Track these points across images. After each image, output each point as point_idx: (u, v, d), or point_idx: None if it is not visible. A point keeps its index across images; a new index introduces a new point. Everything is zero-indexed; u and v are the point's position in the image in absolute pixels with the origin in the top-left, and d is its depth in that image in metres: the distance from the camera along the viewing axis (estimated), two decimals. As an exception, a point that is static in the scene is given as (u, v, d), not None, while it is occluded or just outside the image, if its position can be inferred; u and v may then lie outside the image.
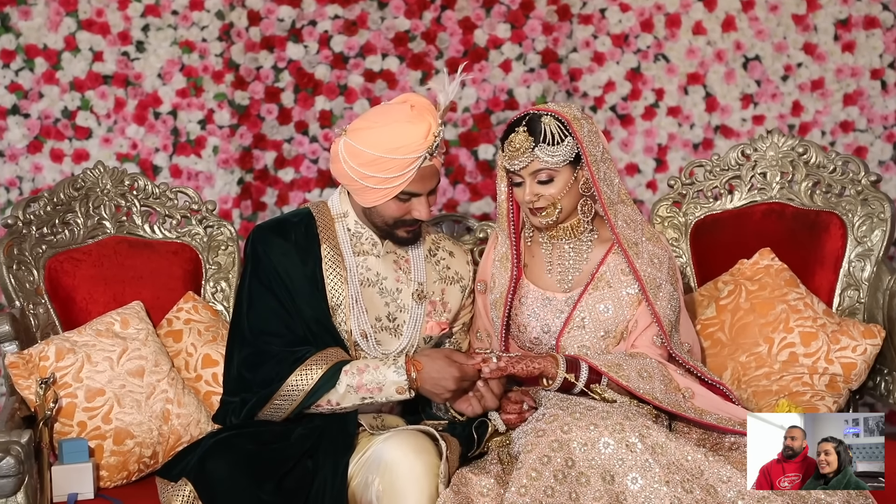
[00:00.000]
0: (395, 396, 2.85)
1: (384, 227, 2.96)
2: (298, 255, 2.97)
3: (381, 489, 2.72)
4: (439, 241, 3.15)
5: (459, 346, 3.13)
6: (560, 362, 2.88)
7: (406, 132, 2.86)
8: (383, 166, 2.85)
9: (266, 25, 4.29)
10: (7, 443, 2.72)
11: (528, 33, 4.35)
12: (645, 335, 3.00)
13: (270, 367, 2.86)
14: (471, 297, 3.15)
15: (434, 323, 3.04)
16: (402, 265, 3.04)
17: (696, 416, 2.87)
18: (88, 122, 4.25)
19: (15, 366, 3.08)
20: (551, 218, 2.97)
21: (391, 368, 2.84)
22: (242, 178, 4.32)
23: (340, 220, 3.03)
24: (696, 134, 4.41)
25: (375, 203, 2.91)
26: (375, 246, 3.02)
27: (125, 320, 3.24)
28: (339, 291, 2.96)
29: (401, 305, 3.01)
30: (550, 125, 2.92)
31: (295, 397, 2.83)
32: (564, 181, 2.95)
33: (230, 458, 2.75)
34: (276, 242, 2.97)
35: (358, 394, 2.85)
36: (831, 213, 3.53)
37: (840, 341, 3.29)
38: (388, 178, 2.86)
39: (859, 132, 4.43)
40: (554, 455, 2.63)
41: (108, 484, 3.09)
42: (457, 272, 3.12)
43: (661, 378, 2.91)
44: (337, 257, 2.99)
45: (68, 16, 4.22)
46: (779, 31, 4.39)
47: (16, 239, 3.35)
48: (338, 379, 2.83)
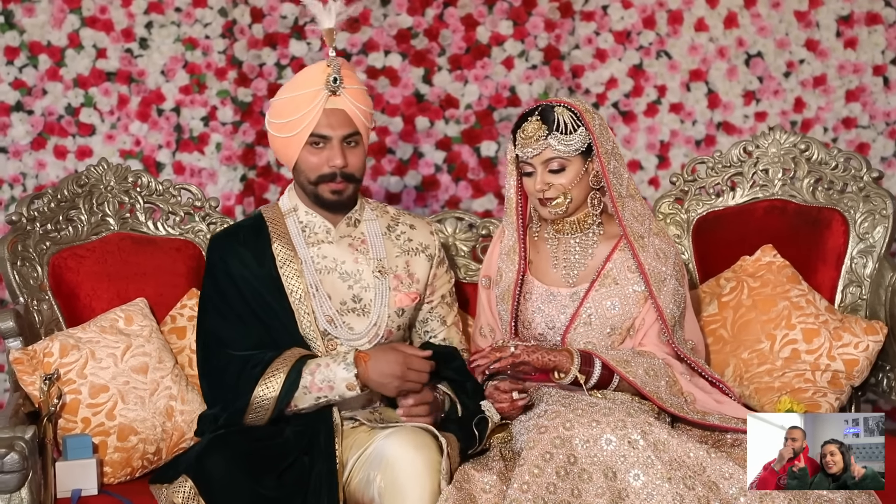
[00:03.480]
0: (347, 393, 2.88)
1: (309, 187, 3.01)
2: (254, 258, 3.02)
3: (383, 485, 2.73)
4: (398, 217, 3.18)
5: (444, 318, 3.15)
6: (575, 359, 2.89)
7: (306, 71, 3.04)
8: (291, 106, 2.97)
9: (269, 22, 4.29)
10: (11, 438, 2.73)
11: (530, 30, 4.35)
12: (652, 332, 3.01)
13: (230, 376, 2.90)
14: (443, 267, 3.17)
15: (403, 294, 3.06)
16: (359, 246, 3.07)
17: (698, 418, 2.87)
18: (92, 118, 4.26)
19: (19, 362, 3.09)
20: (561, 208, 2.98)
21: (341, 365, 2.88)
22: (245, 175, 4.32)
23: (291, 216, 3.08)
24: (698, 130, 4.41)
25: (296, 155, 2.99)
26: (329, 233, 3.05)
27: (129, 317, 3.25)
28: (296, 285, 3.00)
29: (364, 285, 3.04)
30: (563, 115, 2.94)
31: (266, 406, 2.87)
32: (575, 171, 2.96)
33: (228, 454, 2.76)
34: (230, 249, 3.04)
35: (312, 394, 2.88)
36: (833, 209, 3.53)
37: (842, 338, 3.30)
38: (297, 120, 2.96)
39: (861, 129, 4.43)
40: (556, 451, 2.64)
41: (112, 480, 3.09)
42: (420, 242, 3.14)
43: (667, 379, 2.92)
44: (290, 252, 3.03)
45: (72, 13, 4.22)
46: (781, 27, 4.39)
47: (20, 235, 3.36)
48: (299, 387, 2.87)
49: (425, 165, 4.35)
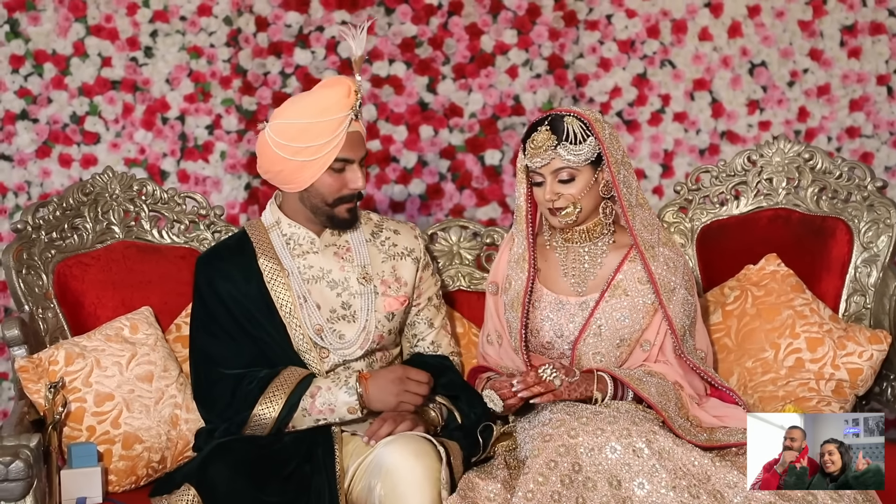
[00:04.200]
0: (347, 416, 2.91)
1: (324, 208, 2.99)
2: (240, 275, 3.03)
3: (383, 494, 2.73)
4: (382, 223, 3.18)
5: (431, 321, 3.17)
6: (609, 389, 2.90)
7: (328, 95, 2.94)
8: (313, 132, 2.90)
9: (273, 31, 4.30)
10: (16, 447, 2.73)
11: (534, 39, 4.36)
12: (668, 347, 3.02)
13: (222, 393, 2.94)
14: (428, 270, 3.18)
15: (392, 299, 3.08)
16: (344, 254, 3.07)
17: (704, 442, 2.83)
18: (97, 127, 4.26)
19: (24, 370, 3.09)
20: (571, 218, 2.98)
21: (342, 389, 2.90)
22: (250, 184, 4.33)
23: (274, 230, 3.08)
24: (702, 140, 4.41)
25: (313, 179, 2.94)
26: (313, 243, 3.06)
27: (134, 325, 3.25)
28: (286, 299, 3.01)
29: (352, 292, 3.05)
30: (573, 125, 2.94)
31: (265, 424, 2.91)
32: (585, 181, 2.97)
33: (231, 462, 2.78)
34: (216, 269, 3.04)
35: (311, 416, 2.91)
36: (837, 218, 3.53)
37: (846, 347, 3.30)
38: (320, 146, 2.90)
39: (865, 138, 4.43)
40: (561, 460, 2.64)
41: (117, 488, 3.09)
42: (406, 247, 3.15)
43: (676, 401, 2.92)
44: (276, 266, 3.03)
45: (77, 21, 4.23)
46: (785, 36, 4.40)
47: (25, 244, 3.37)
48: (297, 409, 2.90)
49: (429, 174, 4.36)
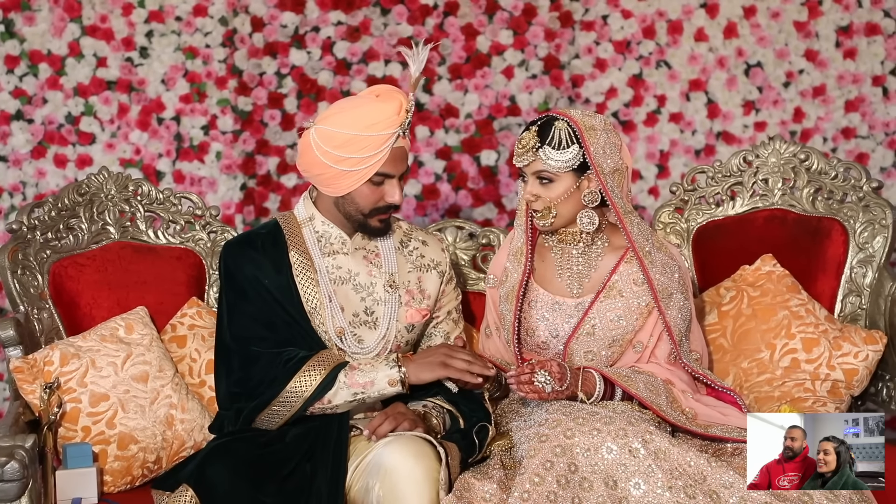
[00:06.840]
0: (388, 389, 2.88)
1: (358, 216, 2.99)
2: (271, 265, 3.00)
3: (382, 494, 2.72)
4: (411, 232, 3.17)
5: (448, 334, 3.14)
6: (598, 386, 2.91)
7: (379, 109, 2.91)
8: (359, 145, 2.88)
9: (269, 31, 4.30)
10: (11, 447, 2.73)
11: (530, 40, 4.36)
12: (660, 350, 3.02)
13: (261, 369, 2.89)
14: (451, 284, 3.17)
15: (415, 310, 3.06)
16: (373, 259, 3.06)
17: (701, 430, 2.87)
18: (92, 127, 4.26)
19: (19, 370, 3.09)
20: (546, 221, 2.98)
21: (383, 363, 2.90)
22: (245, 184, 4.32)
23: (307, 225, 3.06)
24: (697, 140, 4.42)
25: (350, 188, 2.94)
26: (344, 244, 3.04)
27: (129, 325, 3.25)
28: (312, 294, 2.99)
29: (377, 299, 3.03)
30: (561, 130, 2.93)
31: (294, 403, 2.86)
32: (564, 187, 2.96)
33: (229, 463, 2.76)
34: (246, 256, 3.01)
35: (350, 389, 2.88)
36: (833, 219, 3.54)
37: (842, 347, 3.30)
38: (363, 158, 2.89)
39: (861, 139, 4.44)
40: (557, 460, 2.64)
41: (112, 489, 3.09)
42: (432, 259, 3.13)
43: (666, 395, 2.92)
44: (306, 261, 3.01)
45: (72, 22, 4.23)
46: (780, 37, 4.40)
47: (20, 244, 3.36)
48: (335, 382, 2.87)
49: (425, 174, 4.36)
